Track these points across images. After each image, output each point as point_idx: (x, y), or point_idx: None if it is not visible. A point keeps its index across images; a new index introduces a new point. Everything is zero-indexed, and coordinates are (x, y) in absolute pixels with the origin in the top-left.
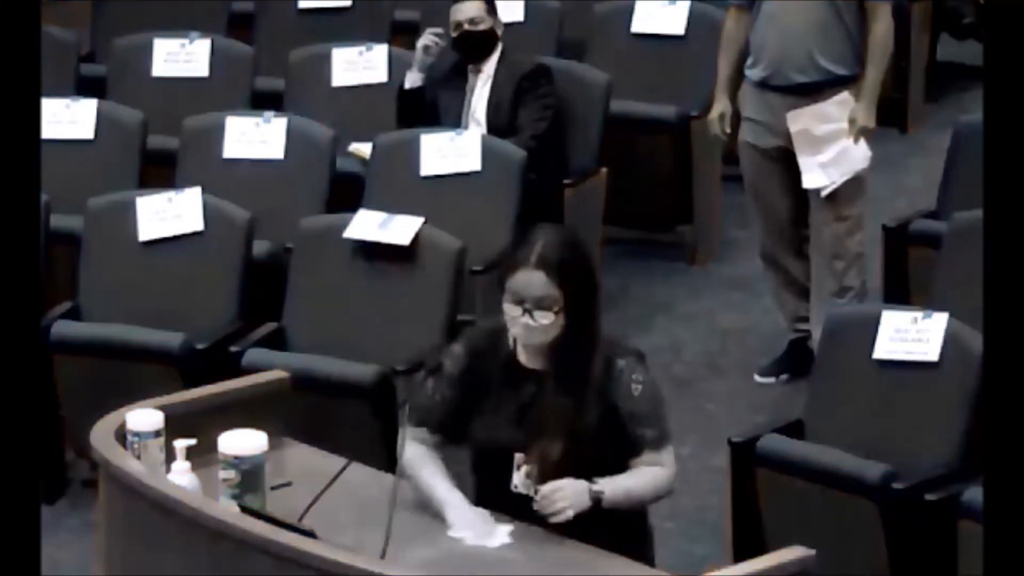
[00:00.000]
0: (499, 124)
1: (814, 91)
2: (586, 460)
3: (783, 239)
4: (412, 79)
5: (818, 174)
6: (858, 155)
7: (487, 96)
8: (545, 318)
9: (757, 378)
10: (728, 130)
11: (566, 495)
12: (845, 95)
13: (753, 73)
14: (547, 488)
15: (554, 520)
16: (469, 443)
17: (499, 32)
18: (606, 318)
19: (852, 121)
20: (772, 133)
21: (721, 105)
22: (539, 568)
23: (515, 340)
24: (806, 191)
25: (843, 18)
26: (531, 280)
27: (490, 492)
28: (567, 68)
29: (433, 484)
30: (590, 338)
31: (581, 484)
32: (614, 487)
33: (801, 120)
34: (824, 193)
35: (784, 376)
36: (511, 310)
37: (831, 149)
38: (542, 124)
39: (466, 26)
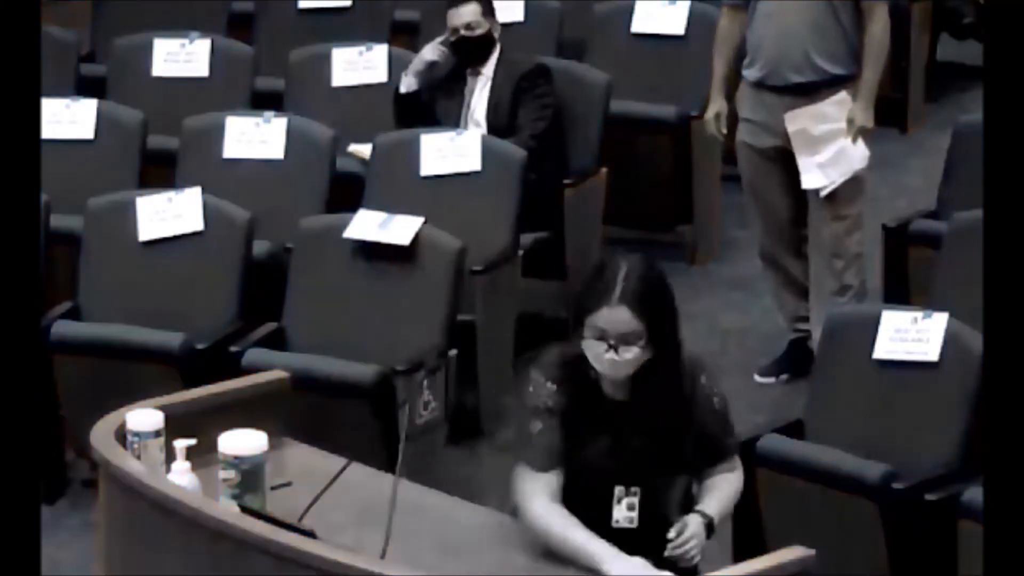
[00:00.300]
0: (499, 125)
1: (811, 91)
2: (682, 483)
3: (782, 239)
4: (407, 83)
5: (817, 174)
6: (856, 155)
7: (486, 97)
8: (630, 353)
9: (757, 378)
10: (724, 130)
11: (696, 539)
12: (843, 95)
13: (750, 73)
14: (680, 539)
15: (686, 565)
16: (568, 478)
17: (496, 34)
18: None
19: (850, 121)
20: (769, 133)
21: (717, 105)
22: (534, 569)
23: (596, 371)
24: (805, 191)
25: (839, 18)
26: (616, 317)
27: (589, 527)
28: (567, 68)
29: (576, 538)
30: (676, 365)
31: (695, 520)
32: (717, 509)
33: (799, 120)
34: (823, 193)
35: (784, 376)
36: (595, 346)
37: (829, 149)
38: (541, 124)
39: (463, 31)
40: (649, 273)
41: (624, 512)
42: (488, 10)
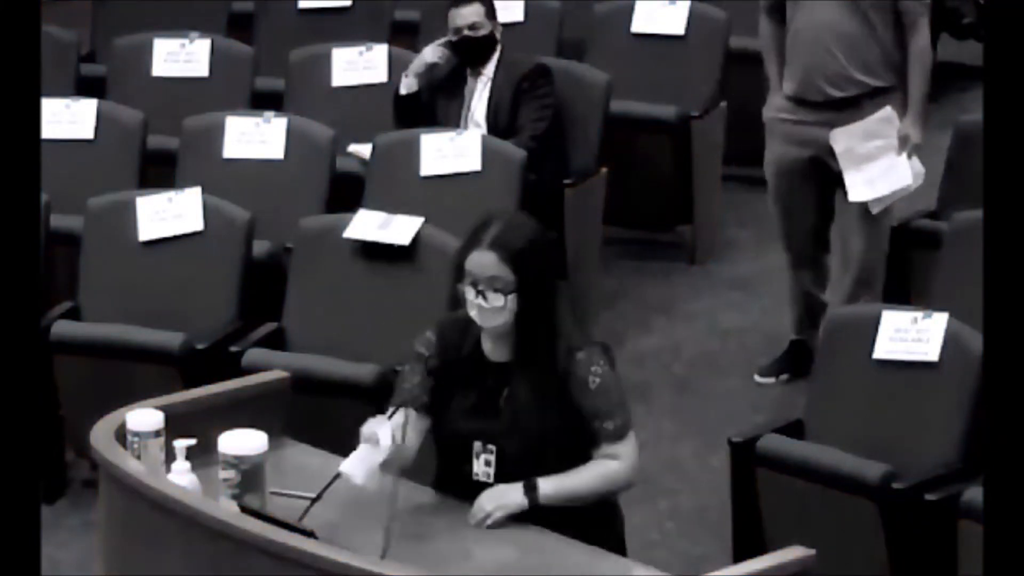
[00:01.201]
0: (499, 125)
1: (851, 104)
2: (546, 452)
3: (804, 252)
4: (408, 84)
5: (864, 189)
6: (909, 172)
7: (487, 98)
8: (497, 300)
9: (757, 378)
10: None
11: (492, 496)
12: (888, 111)
13: (787, 87)
14: (478, 499)
15: (487, 525)
16: (434, 429)
17: (498, 35)
18: (605, 318)
19: (903, 139)
20: (806, 147)
21: (775, 95)
22: (538, 569)
23: (481, 329)
24: (832, 206)
25: (876, 29)
26: (483, 260)
27: (452, 479)
28: (567, 68)
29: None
30: (550, 330)
31: (513, 487)
32: (556, 487)
33: (843, 139)
34: (875, 210)
35: (784, 376)
36: (467, 292)
37: (878, 165)
38: (541, 124)
39: (466, 31)
40: (524, 227)
41: (482, 467)
42: (490, 11)
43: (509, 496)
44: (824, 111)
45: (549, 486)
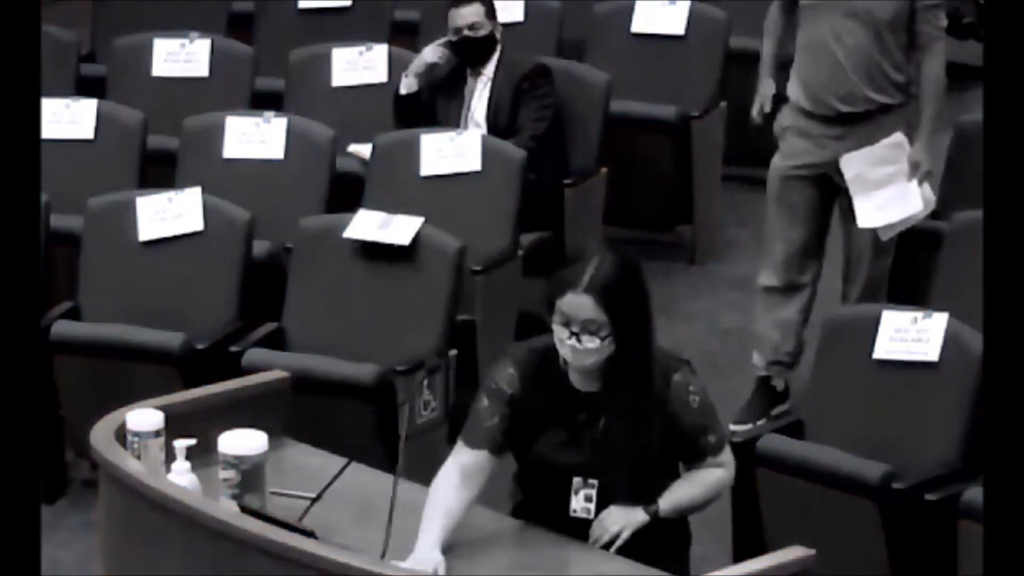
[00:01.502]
0: (499, 125)
1: (861, 119)
2: (648, 478)
3: (790, 268)
4: (407, 84)
5: (874, 215)
6: (920, 199)
7: (487, 98)
8: (592, 342)
9: (732, 427)
10: (768, 110)
11: (616, 519)
12: (899, 137)
13: (796, 97)
14: (597, 531)
15: (615, 547)
16: (523, 465)
17: (498, 35)
18: None
19: (914, 165)
20: (814, 160)
21: (765, 86)
22: (541, 568)
23: (565, 361)
24: (827, 223)
25: (888, 46)
26: (579, 303)
27: (541, 513)
28: (567, 68)
29: (425, 514)
30: (644, 360)
31: (614, 510)
32: (673, 503)
33: (854, 165)
34: (884, 237)
35: (762, 421)
36: (559, 331)
37: (888, 191)
38: (541, 124)
39: (466, 31)
40: (621, 267)
41: (581, 503)
42: (490, 11)
43: (633, 515)
44: (834, 125)
45: (667, 503)
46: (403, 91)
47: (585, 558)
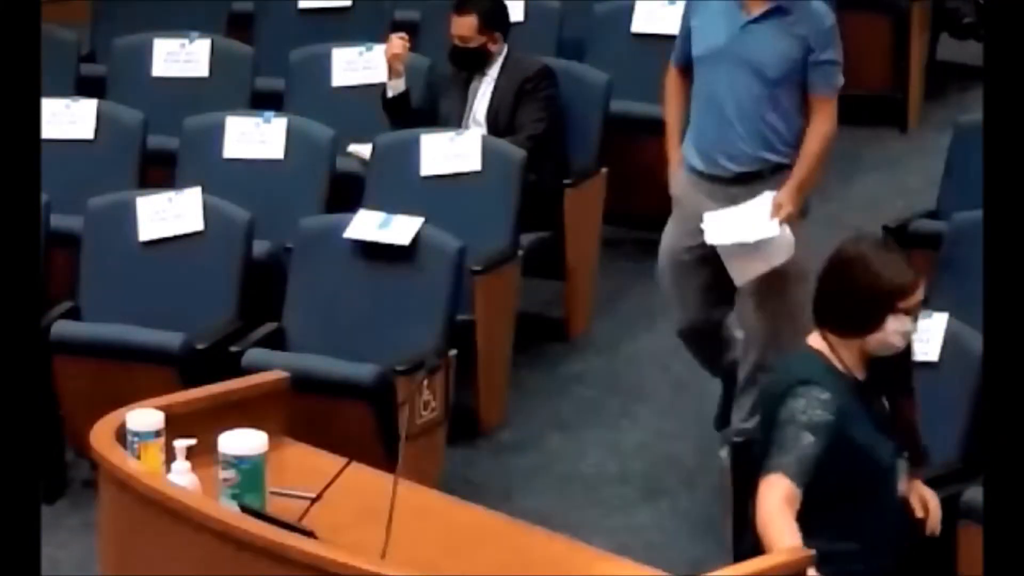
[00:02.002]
0: (499, 126)
1: (753, 179)
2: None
3: (704, 328)
4: (394, 86)
5: (745, 271)
6: (776, 227)
7: (488, 98)
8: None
9: (723, 455)
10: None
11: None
12: (766, 195)
13: (689, 158)
14: (933, 505)
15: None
16: (843, 472)
17: (493, 48)
18: (605, 318)
19: (778, 205)
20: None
21: (679, 156)
22: (534, 569)
23: (843, 361)
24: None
25: (781, 103)
26: (920, 289)
27: (877, 513)
28: (567, 68)
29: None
30: None
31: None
32: None
33: (717, 231)
34: (739, 282)
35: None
36: (899, 321)
37: (754, 245)
38: (540, 125)
39: (457, 42)
40: None
41: (906, 484)
42: (487, 24)
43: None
44: (727, 186)
45: None
46: (390, 94)
47: (583, 557)
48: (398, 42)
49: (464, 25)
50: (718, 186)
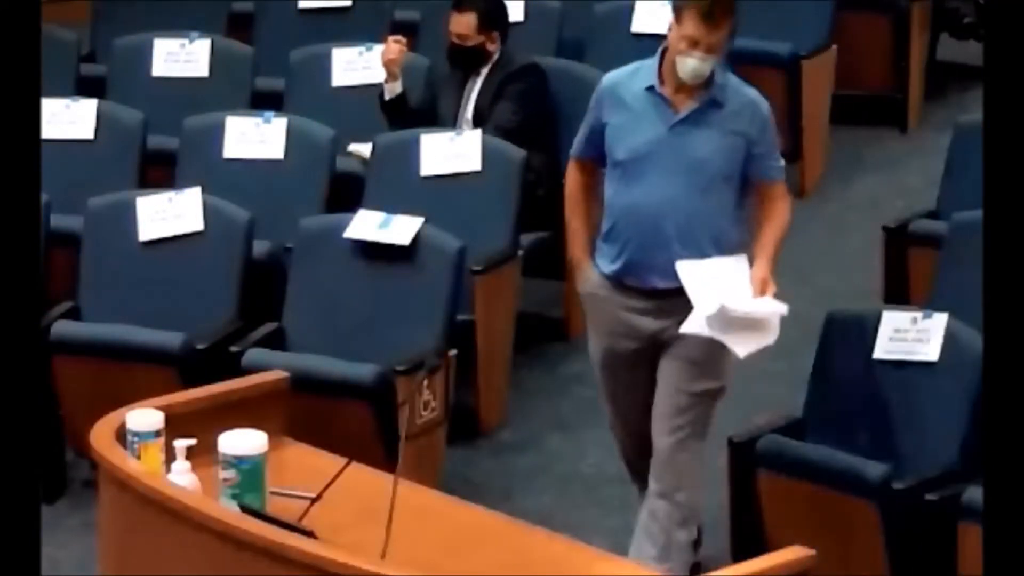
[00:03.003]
0: (482, 123)
1: (678, 294)
2: None
3: (644, 446)
4: (391, 89)
5: (700, 322)
6: (770, 326)
7: (475, 99)
8: None
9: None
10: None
11: None
12: (743, 257)
13: (601, 264)
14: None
15: None
16: None
17: (491, 48)
18: None
19: (762, 281)
20: (631, 337)
21: (588, 269)
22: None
23: None
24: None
25: (727, 206)
26: None
27: None
28: (567, 68)
29: None
30: None
31: None
32: None
33: (691, 278)
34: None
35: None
36: None
37: (724, 300)
38: (514, 118)
39: (455, 39)
40: None
41: None
42: (486, 24)
43: None
44: (649, 299)
45: None
46: (387, 97)
47: (583, 557)
48: (394, 46)
49: (463, 23)
50: (645, 300)
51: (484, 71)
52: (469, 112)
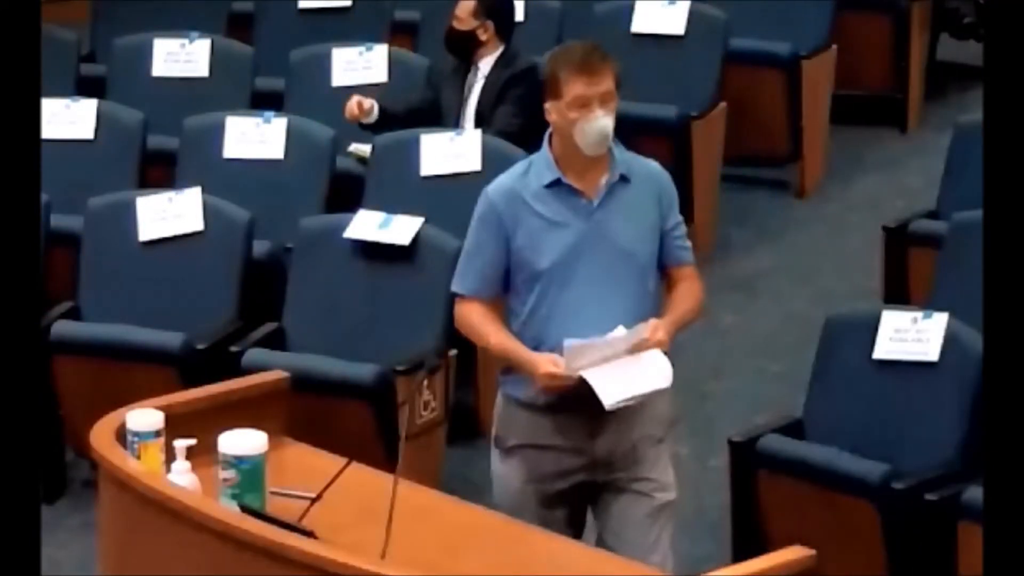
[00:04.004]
0: (483, 123)
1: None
2: None
3: None
4: (369, 114)
5: (613, 390)
6: (657, 370)
7: (477, 96)
8: None
9: None
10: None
11: None
12: (635, 329)
13: (530, 397)
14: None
15: None
16: None
17: (483, 36)
18: None
19: (660, 342)
20: (562, 476)
21: (542, 363)
22: (534, 569)
23: None
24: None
25: (650, 290)
26: None
27: None
28: None
29: None
30: None
31: None
32: None
33: (581, 361)
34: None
35: None
36: None
37: (624, 367)
38: (515, 122)
39: (452, 22)
40: None
41: None
42: (484, 11)
43: None
44: (586, 419)
45: None
46: (365, 122)
47: (583, 557)
48: (355, 109)
49: (463, 6)
50: (581, 419)
51: (485, 65)
52: (471, 107)
